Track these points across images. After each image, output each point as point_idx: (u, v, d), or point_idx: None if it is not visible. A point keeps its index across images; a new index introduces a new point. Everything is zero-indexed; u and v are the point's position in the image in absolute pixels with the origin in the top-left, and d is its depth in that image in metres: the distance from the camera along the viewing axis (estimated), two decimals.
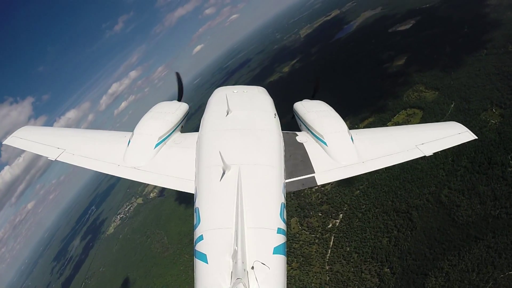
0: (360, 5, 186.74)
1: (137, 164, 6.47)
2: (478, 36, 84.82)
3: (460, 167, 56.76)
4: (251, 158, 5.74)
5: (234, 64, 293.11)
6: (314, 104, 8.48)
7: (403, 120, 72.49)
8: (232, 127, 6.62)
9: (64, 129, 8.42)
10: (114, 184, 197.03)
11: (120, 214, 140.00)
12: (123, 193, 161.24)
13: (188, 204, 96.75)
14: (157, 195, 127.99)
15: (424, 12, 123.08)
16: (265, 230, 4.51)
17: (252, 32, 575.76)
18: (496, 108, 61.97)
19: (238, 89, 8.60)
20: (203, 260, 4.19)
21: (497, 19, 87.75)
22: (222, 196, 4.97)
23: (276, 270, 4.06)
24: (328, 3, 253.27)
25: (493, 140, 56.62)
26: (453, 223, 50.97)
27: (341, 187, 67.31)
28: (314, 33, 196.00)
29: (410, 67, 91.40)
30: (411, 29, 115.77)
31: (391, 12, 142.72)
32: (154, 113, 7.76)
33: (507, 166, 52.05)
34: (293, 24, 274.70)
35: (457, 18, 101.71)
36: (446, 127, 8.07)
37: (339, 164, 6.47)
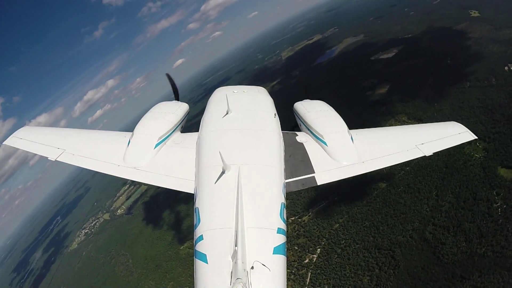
0: (342, 31, 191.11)
1: (137, 164, 6.62)
2: (461, 68, 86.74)
3: (445, 202, 56.14)
4: (251, 158, 5.84)
5: (213, 81, 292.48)
6: (314, 104, 8.75)
7: None
8: (232, 127, 6.72)
9: (64, 129, 8.43)
10: (82, 195, 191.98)
11: (85, 229, 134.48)
12: (90, 206, 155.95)
13: (156, 226, 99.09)
14: (124, 212, 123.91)
15: (406, 41, 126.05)
16: (265, 230, 4.58)
17: (234, 51, 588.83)
18: (480, 142, 61.95)
19: (238, 89, 8.76)
20: (203, 260, 4.25)
21: (479, 52, 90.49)
22: (222, 196, 5.03)
23: (276, 270, 4.12)
24: (311, 27, 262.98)
25: (478, 175, 57.01)
26: (438, 262, 49.65)
27: (319, 219, 65.11)
28: (296, 56, 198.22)
29: (392, 96, 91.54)
30: (394, 58, 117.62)
31: (373, 40, 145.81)
32: (154, 113, 7.96)
33: (493, 202, 51.88)
34: (275, 45, 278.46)
35: (439, 49, 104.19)
36: (446, 127, 8.15)
37: (339, 164, 6.61)
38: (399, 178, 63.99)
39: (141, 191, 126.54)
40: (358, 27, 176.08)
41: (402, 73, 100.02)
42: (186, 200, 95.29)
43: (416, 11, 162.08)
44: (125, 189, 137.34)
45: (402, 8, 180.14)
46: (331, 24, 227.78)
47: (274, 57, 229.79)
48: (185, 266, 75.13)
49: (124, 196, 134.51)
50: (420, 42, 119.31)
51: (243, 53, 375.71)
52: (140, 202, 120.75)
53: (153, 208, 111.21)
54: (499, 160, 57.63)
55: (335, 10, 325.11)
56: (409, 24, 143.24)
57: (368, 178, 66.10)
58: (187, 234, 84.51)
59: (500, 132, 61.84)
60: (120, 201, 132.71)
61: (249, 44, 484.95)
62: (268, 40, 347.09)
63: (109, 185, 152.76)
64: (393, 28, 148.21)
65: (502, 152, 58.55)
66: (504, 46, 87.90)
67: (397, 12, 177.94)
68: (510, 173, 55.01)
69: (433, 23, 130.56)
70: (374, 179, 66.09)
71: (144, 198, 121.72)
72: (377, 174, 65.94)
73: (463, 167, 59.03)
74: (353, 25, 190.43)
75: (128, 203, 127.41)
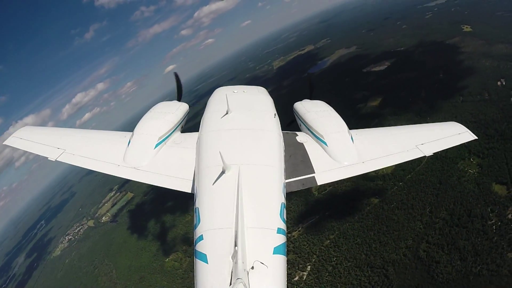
0: (335, 42, 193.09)
1: (137, 164, 6.75)
2: (453, 82, 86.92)
3: (439, 219, 55.15)
4: (251, 158, 5.86)
5: (204, 88, 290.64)
6: (314, 104, 9.01)
7: None
8: (232, 127, 6.73)
9: (64, 129, 8.51)
10: (68, 200, 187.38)
11: (69, 235, 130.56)
12: (75, 212, 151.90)
13: (141, 236, 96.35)
14: (109, 220, 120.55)
15: (398, 54, 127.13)
16: (265, 230, 4.62)
17: (225, 58, 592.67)
18: (473, 157, 61.99)
19: (238, 89, 8.85)
20: (203, 260, 4.30)
21: (472, 67, 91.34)
22: (222, 196, 5.06)
23: (276, 270, 4.17)
24: (303, 38, 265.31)
25: (472, 191, 56.47)
26: (433, 281, 48.42)
27: (309, 235, 63.36)
28: (287, 66, 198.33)
29: (384, 109, 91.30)
30: (386, 70, 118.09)
31: (366, 52, 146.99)
32: (154, 113, 8.13)
33: (487, 219, 51.19)
34: (267, 54, 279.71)
35: (432, 63, 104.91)
36: (446, 127, 8.28)
37: (339, 164, 6.77)
38: (392, 194, 63.03)
39: (127, 198, 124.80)
40: (351, 39, 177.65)
41: (394, 86, 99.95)
42: (171, 210, 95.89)
43: (408, 24, 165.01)
44: (111, 195, 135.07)
45: (394, 22, 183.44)
46: (324, 35, 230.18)
47: (265, 66, 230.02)
48: (170, 279, 72.74)
49: (109, 203, 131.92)
50: (412, 56, 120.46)
51: (235, 61, 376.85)
52: (126, 210, 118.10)
53: (138, 217, 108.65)
54: (493, 176, 57.23)
55: (328, 21, 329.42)
56: (402, 37, 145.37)
57: (360, 193, 65.54)
58: (172, 246, 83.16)
59: (494, 148, 61.53)
60: (106, 208, 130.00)
61: (241, 53, 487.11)
62: (260, 49, 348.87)
63: (95, 191, 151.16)
64: (385, 41, 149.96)
65: (496, 168, 58.22)
66: (497, 61, 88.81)
67: (389, 25, 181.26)
68: (504, 189, 54.64)
69: (425, 37, 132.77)
70: (366, 194, 65.14)
71: (129, 206, 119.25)
72: (369, 189, 65.44)
73: (457, 183, 58.48)
74: (346, 37, 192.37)
75: (113, 210, 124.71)
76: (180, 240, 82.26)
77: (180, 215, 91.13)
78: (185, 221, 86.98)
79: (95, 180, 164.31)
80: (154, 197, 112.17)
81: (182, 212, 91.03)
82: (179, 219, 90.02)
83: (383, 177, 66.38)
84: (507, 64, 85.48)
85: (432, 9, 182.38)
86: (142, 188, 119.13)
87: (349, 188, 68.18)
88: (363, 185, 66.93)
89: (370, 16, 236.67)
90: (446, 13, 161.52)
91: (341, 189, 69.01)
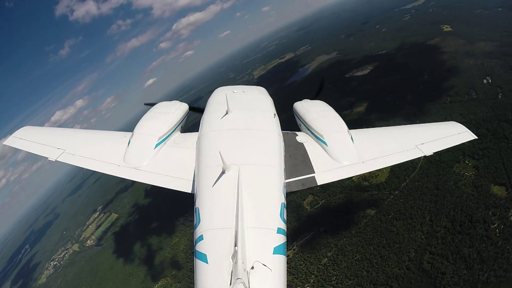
0: (315, 49, 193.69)
1: (137, 164, 6.81)
2: (439, 83, 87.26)
3: (440, 227, 53.67)
4: (251, 158, 5.90)
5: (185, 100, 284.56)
6: (314, 104, 9.15)
7: (369, 173, 68.50)
8: (232, 127, 6.75)
9: (64, 129, 8.56)
10: (51, 222, 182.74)
11: (54, 261, 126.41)
12: (59, 235, 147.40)
13: (127, 260, 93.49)
14: (94, 244, 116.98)
15: (380, 58, 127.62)
16: (265, 230, 4.64)
17: (205, 70, 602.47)
18: (469, 159, 61.37)
19: (238, 89, 8.89)
20: (203, 260, 4.33)
21: (456, 66, 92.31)
22: (222, 196, 5.10)
23: (277, 270, 4.18)
24: (282, 46, 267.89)
25: (471, 195, 55.55)
26: None
27: (305, 254, 60.73)
28: (268, 74, 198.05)
29: (371, 115, 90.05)
30: (369, 74, 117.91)
31: (347, 57, 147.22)
32: (154, 113, 8.28)
33: (490, 224, 50.14)
34: (247, 64, 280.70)
35: (415, 65, 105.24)
36: (446, 127, 8.36)
37: (339, 164, 6.82)
38: (388, 204, 60.99)
39: (111, 219, 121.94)
40: (331, 45, 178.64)
41: (379, 90, 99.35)
42: (157, 231, 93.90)
43: (388, 27, 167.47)
44: (95, 217, 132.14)
45: (373, 25, 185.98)
46: (303, 42, 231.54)
47: (246, 76, 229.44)
48: None
49: (94, 224, 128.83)
50: (394, 58, 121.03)
51: (215, 72, 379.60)
52: (110, 233, 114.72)
53: (123, 239, 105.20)
54: (490, 177, 56.55)
55: (306, 28, 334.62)
56: (382, 41, 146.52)
57: (354, 205, 63.52)
58: (160, 271, 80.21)
59: (488, 148, 61.07)
60: (90, 230, 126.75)
61: (220, 63, 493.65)
62: (240, 59, 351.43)
63: (79, 212, 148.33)
64: (366, 45, 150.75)
65: (493, 169, 57.58)
66: (480, 59, 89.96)
67: (368, 29, 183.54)
68: (503, 190, 54.00)
69: (406, 39, 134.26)
70: (361, 206, 63.00)
71: (114, 227, 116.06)
72: (364, 200, 63.51)
73: (455, 188, 57.30)
74: (325, 43, 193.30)
75: (98, 233, 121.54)
76: (169, 264, 79.81)
77: (167, 237, 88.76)
78: (172, 243, 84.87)
79: (79, 201, 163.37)
80: (139, 217, 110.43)
81: (168, 234, 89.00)
82: (166, 241, 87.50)
83: (377, 186, 64.52)
84: (490, 62, 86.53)
85: (410, 11, 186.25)
86: (126, 208, 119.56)
87: (342, 200, 66.12)
88: (357, 196, 64.92)
89: (347, 21, 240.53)
90: (424, 14, 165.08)
91: (334, 202, 66.86)
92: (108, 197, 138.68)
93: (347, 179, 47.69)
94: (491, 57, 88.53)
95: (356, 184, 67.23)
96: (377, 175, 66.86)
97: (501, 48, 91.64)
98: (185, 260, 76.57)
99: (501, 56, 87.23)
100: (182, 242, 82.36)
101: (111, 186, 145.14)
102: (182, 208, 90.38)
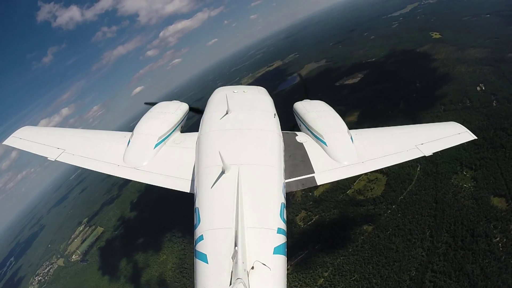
0: (303, 57, 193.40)
1: (137, 164, 6.91)
2: (431, 91, 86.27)
3: (441, 243, 51.46)
4: (251, 158, 5.93)
5: None
6: (314, 104, 9.49)
7: (364, 187, 66.49)
8: (232, 127, 6.81)
9: (64, 129, 8.59)
10: (37, 234, 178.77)
11: (39, 276, 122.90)
12: (44, 248, 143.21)
13: (112, 277, 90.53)
14: (79, 259, 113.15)
15: (370, 66, 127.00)
16: (265, 230, 4.64)
17: (193, 78, 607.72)
18: (466, 170, 59.76)
19: (238, 89, 9.11)
20: (203, 260, 4.34)
21: (447, 73, 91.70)
22: (222, 196, 5.11)
23: (276, 270, 4.19)
24: (270, 54, 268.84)
25: (471, 208, 53.67)
26: None
27: (300, 274, 57.72)
28: (256, 83, 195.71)
29: (363, 124, 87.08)
30: (360, 82, 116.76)
31: (336, 65, 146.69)
32: (154, 113, 8.39)
33: (492, 238, 48.33)
34: (235, 72, 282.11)
35: (406, 72, 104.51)
36: (446, 127, 8.52)
37: (339, 164, 6.96)
38: (386, 219, 58.45)
39: (97, 233, 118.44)
40: (319, 53, 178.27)
41: (371, 99, 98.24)
42: (143, 247, 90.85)
43: (376, 35, 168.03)
44: (80, 230, 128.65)
45: (361, 33, 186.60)
46: (291, 50, 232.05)
47: (234, 84, 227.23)
48: None
49: (79, 238, 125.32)
50: (384, 66, 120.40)
51: (203, 81, 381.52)
52: (96, 248, 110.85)
53: (109, 255, 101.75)
54: (490, 189, 54.84)
55: (294, 36, 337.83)
56: (371, 48, 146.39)
57: (350, 221, 61.01)
58: None
59: (486, 158, 59.69)
60: (75, 244, 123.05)
61: (208, 71, 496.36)
62: (228, 67, 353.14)
63: (64, 224, 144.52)
64: (355, 52, 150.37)
65: (492, 179, 56.00)
66: (472, 66, 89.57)
67: (356, 36, 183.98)
68: (503, 202, 52.28)
69: (395, 46, 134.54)
70: (357, 221, 60.29)
71: (99, 242, 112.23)
72: (360, 215, 61.17)
73: (454, 201, 55.42)
74: (314, 51, 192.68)
75: (83, 247, 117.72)
76: (155, 283, 76.78)
77: (153, 254, 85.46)
78: (159, 261, 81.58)
79: (64, 212, 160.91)
80: (124, 232, 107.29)
81: (155, 251, 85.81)
82: (152, 258, 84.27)
83: (373, 201, 62.20)
84: (482, 69, 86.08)
85: (397, 19, 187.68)
86: (112, 222, 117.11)
87: (337, 216, 63.52)
88: (352, 211, 62.41)
89: (335, 29, 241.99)
90: (412, 21, 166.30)
91: (329, 217, 64.22)
92: (93, 209, 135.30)
93: (340, 194, 44.29)
94: (483, 63, 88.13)
95: (351, 198, 65.05)
96: (372, 188, 64.97)
97: (492, 54, 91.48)
98: (173, 280, 73.57)
99: (493, 62, 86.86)
100: (170, 260, 79.13)
101: (97, 197, 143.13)
102: (169, 222, 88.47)
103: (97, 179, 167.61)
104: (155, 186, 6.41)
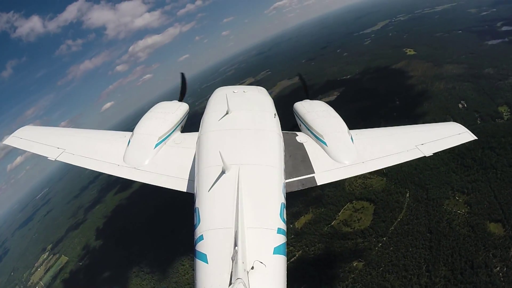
0: (276, 74, 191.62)
1: (137, 164, 6.97)
2: (412, 108, 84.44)
3: (439, 278, 47.46)
4: (251, 158, 5.87)
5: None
6: (314, 104, 9.54)
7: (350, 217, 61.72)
8: (232, 127, 6.74)
9: (64, 129, 8.92)
10: (0, 258, 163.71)
11: None
12: (6, 277, 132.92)
13: None
14: None
15: (346, 83, 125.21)
16: (265, 230, 4.61)
17: (164, 94, 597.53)
18: (459, 194, 56.90)
19: (238, 89, 9.06)
20: (203, 260, 4.31)
21: (426, 90, 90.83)
22: (222, 196, 5.08)
23: (277, 270, 4.18)
24: (242, 71, 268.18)
25: (468, 236, 50.20)
26: None
27: None
28: None
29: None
30: (337, 100, 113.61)
31: (310, 82, 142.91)
32: (154, 113, 8.66)
33: (492, 268, 45.51)
34: (206, 89, 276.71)
35: (383, 90, 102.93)
36: (446, 127, 8.48)
37: (339, 164, 6.99)
38: (377, 254, 53.49)
39: (61, 263, 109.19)
40: (292, 70, 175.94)
41: (350, 117, 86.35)
42: (110, 282, 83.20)
43: (349, 52, 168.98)
44: (44, 257, 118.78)
45: (334, 50, 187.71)
46: (263, 67, 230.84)
47: (205, 101, 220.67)
48: None
49: (42, 267, 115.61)
50: (361, 83, 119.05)
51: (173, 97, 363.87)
52: (59, 280, 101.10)
53: None
54: (485, 214, 52.01)
55: (265, 53, 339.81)
56: (345, 65, 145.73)
57: (337, 256, 55.70)
58: None
59: (477, 180, 57.08)
60: (38, 274, 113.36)
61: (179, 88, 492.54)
62: (199, 83, 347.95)
63: (28, 250, 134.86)
64: (329, 69, 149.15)
65: (486, 203, 53.27)
66: (451, 83, 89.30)
67: (329, 53, 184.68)
68: (500, 227, 49.68)
69: (369, 63, 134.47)
70: (346, 257, 55.09)
71: (63, 273, 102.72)
72: (348, 250, 56.12)
73: (449, 229, 51.90)
74: (286, 68, 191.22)
75: (46, 278, 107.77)
76: None
77: None
78: None
79: (29, 236, 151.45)
80: (89, 263, 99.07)
81: None
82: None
83: (361, 233, 57.15)
84: (462, 85, 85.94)
85: (370, 36, 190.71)
86: (76, 250, 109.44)
87: (323, 251, 57.97)
88: (339, 246, 56.97)
89: (307, 46, 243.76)
90: (384, 38, 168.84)
91: (313, 253, 58.50)
92: (58, 234, 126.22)
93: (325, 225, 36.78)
94: (462, 80, 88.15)
95: (337, 230, 59.85)
96: (359, 218, 60.33)
97: (469, 70, 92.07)
98: None
99: (472, 78, 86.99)
100: None
101: (62, 221, 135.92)
102: (136, 255, 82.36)
103: (63, 201, 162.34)
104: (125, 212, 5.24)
